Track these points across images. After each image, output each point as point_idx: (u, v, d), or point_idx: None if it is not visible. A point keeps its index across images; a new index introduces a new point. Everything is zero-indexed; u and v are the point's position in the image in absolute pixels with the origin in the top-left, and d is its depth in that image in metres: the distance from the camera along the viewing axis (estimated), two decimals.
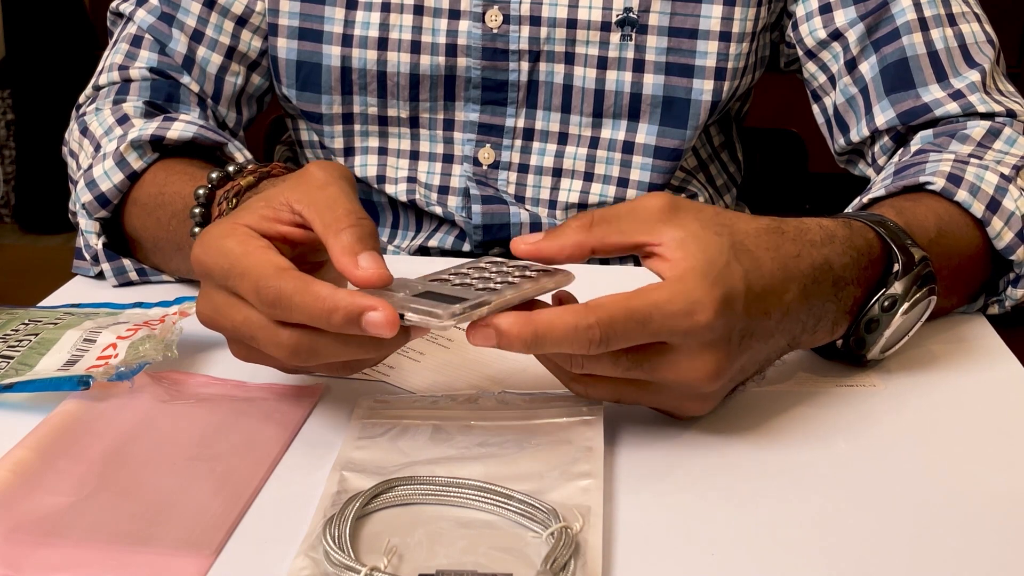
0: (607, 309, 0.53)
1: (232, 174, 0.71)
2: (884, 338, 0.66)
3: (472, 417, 0.61)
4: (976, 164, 0.78)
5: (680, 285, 0.54)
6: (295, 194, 0.58)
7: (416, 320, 0.52)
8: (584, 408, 0.61)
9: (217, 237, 0.57)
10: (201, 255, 0.57)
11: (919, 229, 0.70)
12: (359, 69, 0.93)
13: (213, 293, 0.58)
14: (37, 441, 0.58)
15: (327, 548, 0.48)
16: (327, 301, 0.52)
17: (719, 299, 0.54)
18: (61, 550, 0.50)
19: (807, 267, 0.60)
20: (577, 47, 0.92)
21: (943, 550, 0.51)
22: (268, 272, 0.54)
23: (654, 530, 0.53)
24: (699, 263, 0.55)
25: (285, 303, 0.53)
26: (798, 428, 0.62)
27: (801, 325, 0.61)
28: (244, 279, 0.55)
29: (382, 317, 0.52)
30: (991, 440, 0.62)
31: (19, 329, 0.69)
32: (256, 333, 0.55)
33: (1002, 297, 0.78)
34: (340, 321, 0.52)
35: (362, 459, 0.57)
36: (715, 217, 0.58)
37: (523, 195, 0.97)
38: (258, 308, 0.55)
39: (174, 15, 0.93)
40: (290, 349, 0.55)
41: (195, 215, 0.70)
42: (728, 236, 0.57)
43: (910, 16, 0.86)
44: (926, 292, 0.66)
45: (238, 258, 0.55)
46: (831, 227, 0.64)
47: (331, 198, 0.57)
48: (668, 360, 0.55)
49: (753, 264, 0.57)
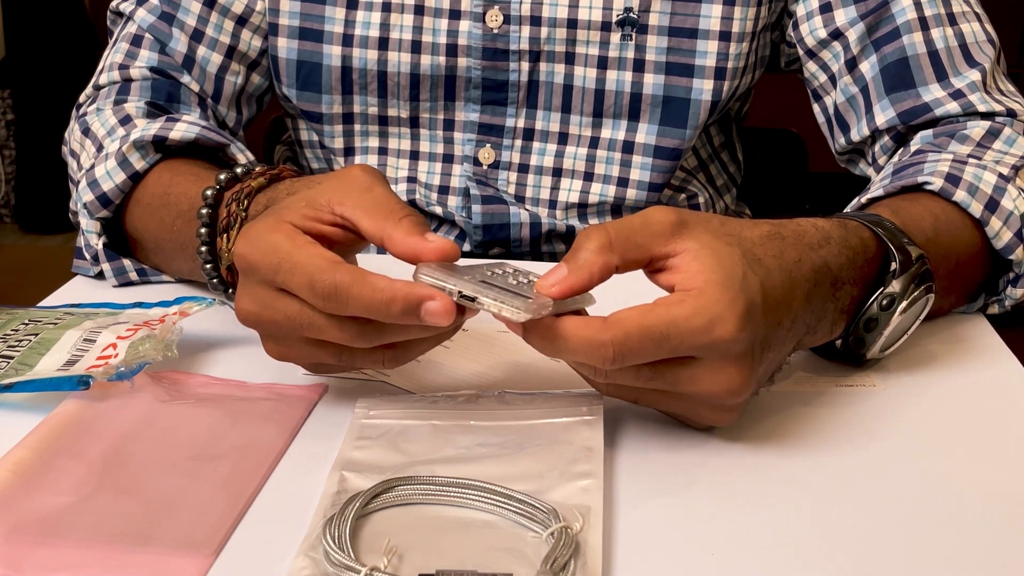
0: (623, 327, 0.52)
1: (240, 176, 0.71)
2: (883, 337, 0.66)
3: (472, 417, 0.61)
4: (975, 164, 0.78)
5: (701, 300, 0.53)
6: (337, 195, 0.59)
7: (493, 308, 0.53)
8: (584, 408, 0.61)
9: (264, 232, 0.57)
10: (247, 251, 0.57)
11: (916, 229, 0.70)
12: (359, 69, 0.93)
13: (257, 289, 0.58)
14: (37, 441, 0.58)
15: (327, 548, 0.48)
16: (386, 292, 0.53)
17: (741, 312, 0.53)
18: (61, 550, 0.50)
19: (808, 271, 0.60)
20: (577, 47, 0.92)
21: (943, 549, 0.51)
22: (322, 265, 0.55)
23: (654, 530, 0.53)
24: (718, 276, 0.54)
25: (342, 295, 0.54)
26: (798, 428, 0.62)
27: (805, 327, 0.61)
28: (295, 274, 0.55)
29: (440, 306, 0.53)
30: (991, 439, 0.62)
31: (19, 329, 0.69)
32: (316, 320, 0.56)
33: (1002, 297, 0.78)
34: (399, 311, 0.53)
35: (362, 459, 0.57)
36: (723, 227, 0.58)
37: (523, 195, 0.97)
38: (310, 301, 0.55)
39: (174, 14, 0.93)
40: (356, 330, 0.55)
41: (202, 216, 0.70)
42: (739, 246, 0.57)
43: (910, 15, 0.86)
44: (924, 290, 0.66)
45: (288, 253, 0.56)
46: (826, 228, 0.64)
47: (378, 198, 0.58)
48: (690, 373, 0.55)
49: (766, 274, 0.56)
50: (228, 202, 0.69)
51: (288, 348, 0.60)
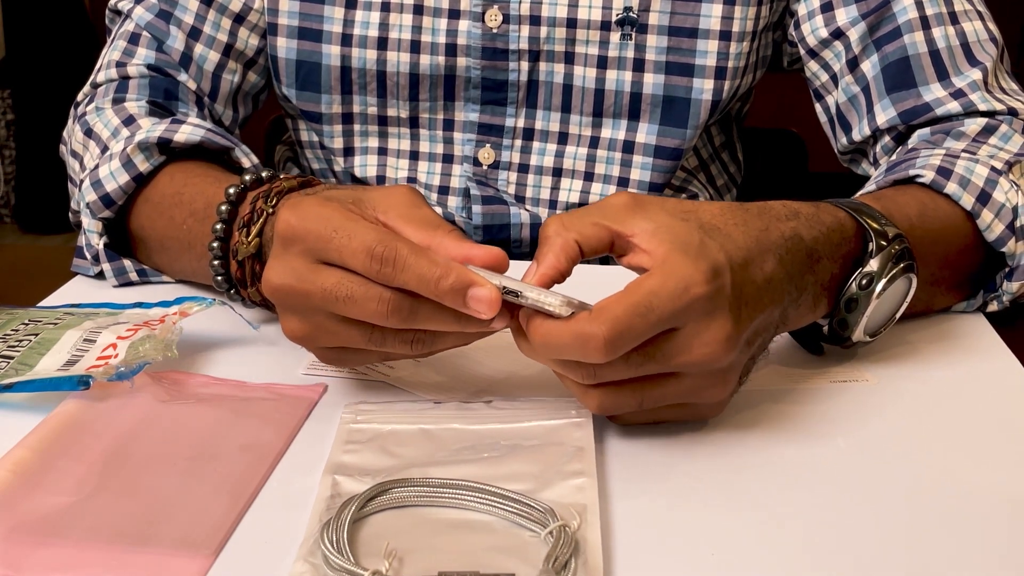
0: (609, 312, 0.53)
1: (266, 179, 0.72)
2: (865, 317, 0.66)
3: (461, 421, 0.61)
4: (967, 158, 0.78)
5: (667, 267, 0.55)
6: (383, 205, 0.60)
7: (533, 302, 0.54)
8: (573, 412, 0.61)
9: (314, 205, 0.58)
10: (295, 220, 0.58)
11: (899, 214, 0.70)
12: (359, 69, 0.93)
13: (295, 260, 0.58)
14: (37, 441, 0.58)
15: (326, 553, 0.48)
16: (441, 267, 0.55)
17: (706, 270, 0.55)
18: (61, 550, 0.50)
19: (777, 238, 0.61)
20: (577, 47, 0.92)
21: (942, 548, 0.51)
22: (384, 232, 0.56)
23: (650, 527, 0.53)
24: (676, 246, 0.56)
25: (401, 262, 0.55)
26: (789, 424, 0.62)
27: (787, 296, 0.61)
28: (353, 238, 0.56)
29: (487, 294, 0.54)
30: (986, 435, 0.62)
31: (19, 329, 0.69)
32: (355, 290, 0.56)
33: (999, 293, 0.78)
34: (448, 288, 0.54)
35: (353, 463, 0.57)
36: (678, 205, 0.60)
37: (523, 195, 0.97)
38: (362, 268, 0.56)
39: (172, 12, 0.92)
40: (393, 303, 0.56)
41: (221, 212, 0.70)
42: (695, 219, 0.58)
43: (912, 15, 0.86)
44: (903, 269, 0.66)
45: (343, 222, 0.57)
46: (795, 205, 0.65)
47: (426, 215, 0.60)
48: (677, 344, 0.55)
49: (725, 238, 0.58)
50: (254, 199, 0.69)
51: (314, 327, 0.59)
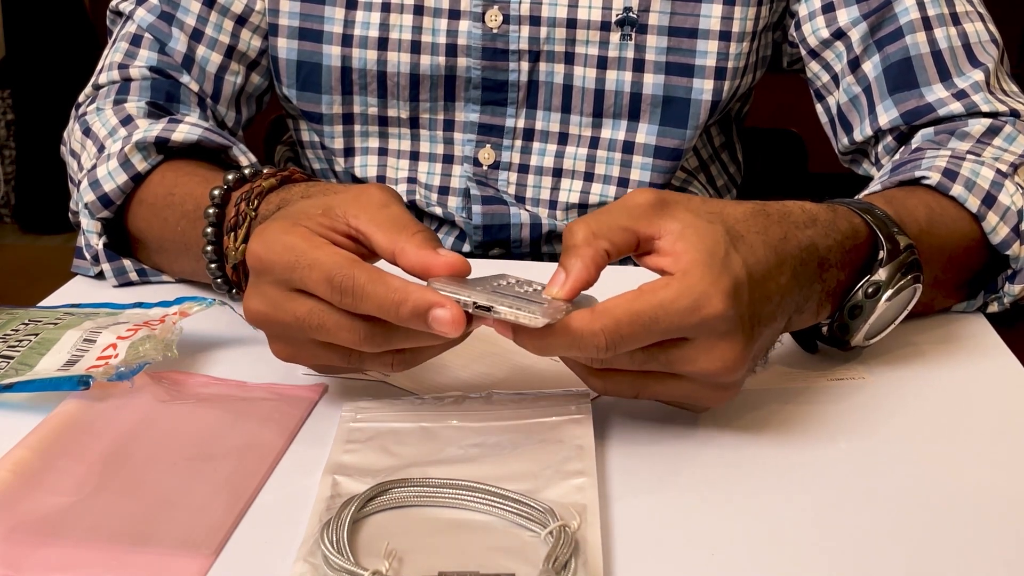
0: (612, 315, 0.53)
1: (248, 176, 0.71)
2: (867, 324, 0.66)
3: (460, 418, 0.61)
4: (973, 160, 0.78)
5: (686, 280, 0.54)
6: (353, 209, 0.59)
7: (509, 316, 0.53)
8: (573, 407, 0.61)
9: (279, 233, 0.58)
10: (261, 250, 0.58)
11: (909, 219, 0.70)
12: (359, 69, 0.93)
13: (268, 289, 0.58)
14: (37, 441, 0.58)
15: (326, 553, 0.48)
16: (399, 292, 0.54)
17: (726, 290, 0.54)
18: (61, 550, 0.50)
19: (794, 248, 0.60)
20: (577, 47, 0.92)
21: (943, 548, 0.51)
22: (342, 261, 0.55)
23: (650, 527, 0.53)
24: (701, 255, 0.55)
25: (359, 291, 0.54)
26: (787, 422, 0.62)
27: (794, 306, 0.61)
28: (314, 269, 0.55)
29: (448, 315, 0.53)
30: (984, 435, 0.62)
31: (19, 329, 0.69)
32: (325, 320, 0.56)
33: (1000, 294, 0.78)
34: (407, 313, 0.53)
35: (352, 463, 0.57)
36: (704, 205, 0.59)
37: (523, 195, 0.97)
38: (327, 298, 0.55)
39: (174, 14, 0.92)
40: (364, 332, 0.56)
41: (209, 215, 0.70)
42: (721, 223, 0.57)
43: (913, 15, 0.86)
44: (910, 280, 0.66)
45: (305, 251, 0.56)
46: (813, 210, 0.64)
47: (394, 216, 0.59)
48: (684, 354, 0.55)
49: (749, 250, 0.57)
50: (237, 201, 0.69)
51: (297, 349, 0.60)
